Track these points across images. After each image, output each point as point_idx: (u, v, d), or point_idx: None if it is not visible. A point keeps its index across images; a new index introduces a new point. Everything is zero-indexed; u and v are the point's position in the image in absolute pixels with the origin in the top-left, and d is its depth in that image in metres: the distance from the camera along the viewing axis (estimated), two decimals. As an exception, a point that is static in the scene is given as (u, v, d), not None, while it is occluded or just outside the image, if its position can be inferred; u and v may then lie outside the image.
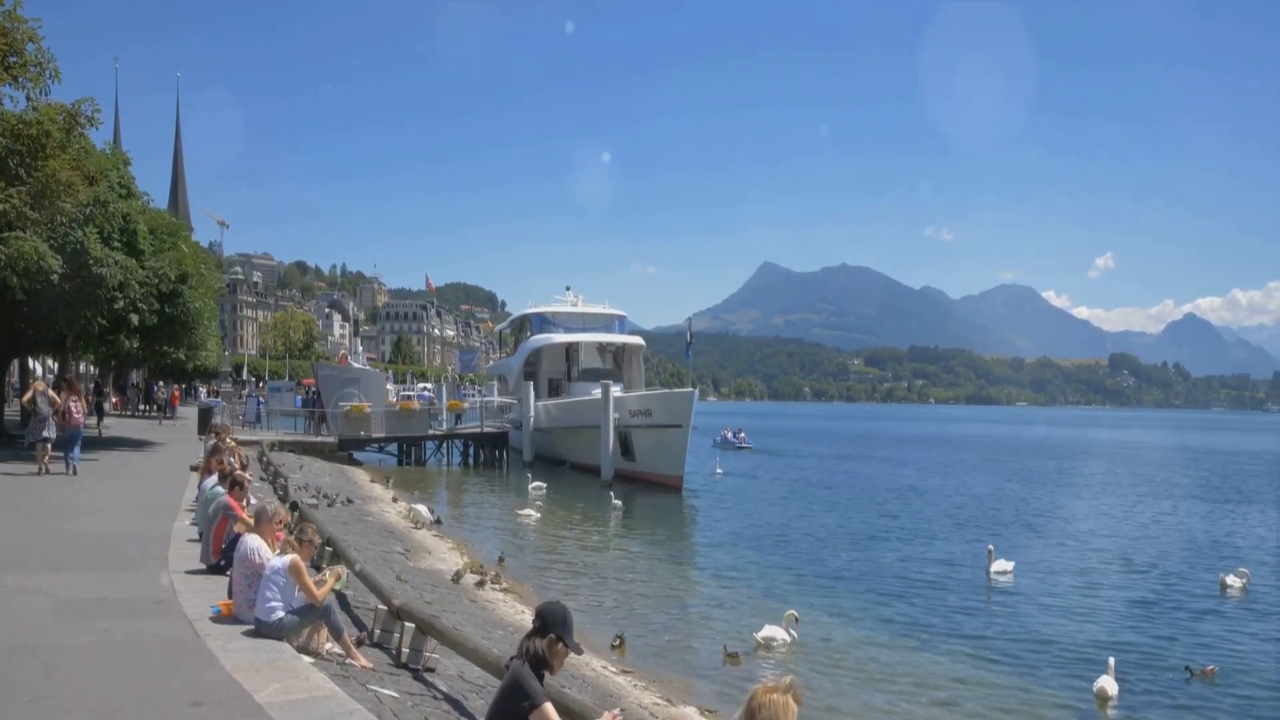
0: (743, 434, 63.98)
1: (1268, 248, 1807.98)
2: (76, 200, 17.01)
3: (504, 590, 16.15)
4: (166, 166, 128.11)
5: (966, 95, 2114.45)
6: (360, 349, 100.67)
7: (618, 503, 28.71)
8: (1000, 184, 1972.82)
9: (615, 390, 38.44)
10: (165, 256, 24.89)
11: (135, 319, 23.28)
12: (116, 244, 22.43)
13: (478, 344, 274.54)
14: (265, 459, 26.65)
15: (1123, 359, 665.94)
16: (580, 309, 51.01)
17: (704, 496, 34.01)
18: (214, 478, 13.49)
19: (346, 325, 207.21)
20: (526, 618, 14.48)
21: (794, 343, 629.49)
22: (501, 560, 19.01)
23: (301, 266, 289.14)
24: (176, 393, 48.85)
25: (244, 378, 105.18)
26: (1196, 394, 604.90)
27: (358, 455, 40.82)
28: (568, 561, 20.38)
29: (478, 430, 44.90)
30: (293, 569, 7.75)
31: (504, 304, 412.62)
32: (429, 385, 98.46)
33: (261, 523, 8.55)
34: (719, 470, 42.71)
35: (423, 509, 23.28)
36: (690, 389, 34.30)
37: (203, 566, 10.38)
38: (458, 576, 15.86)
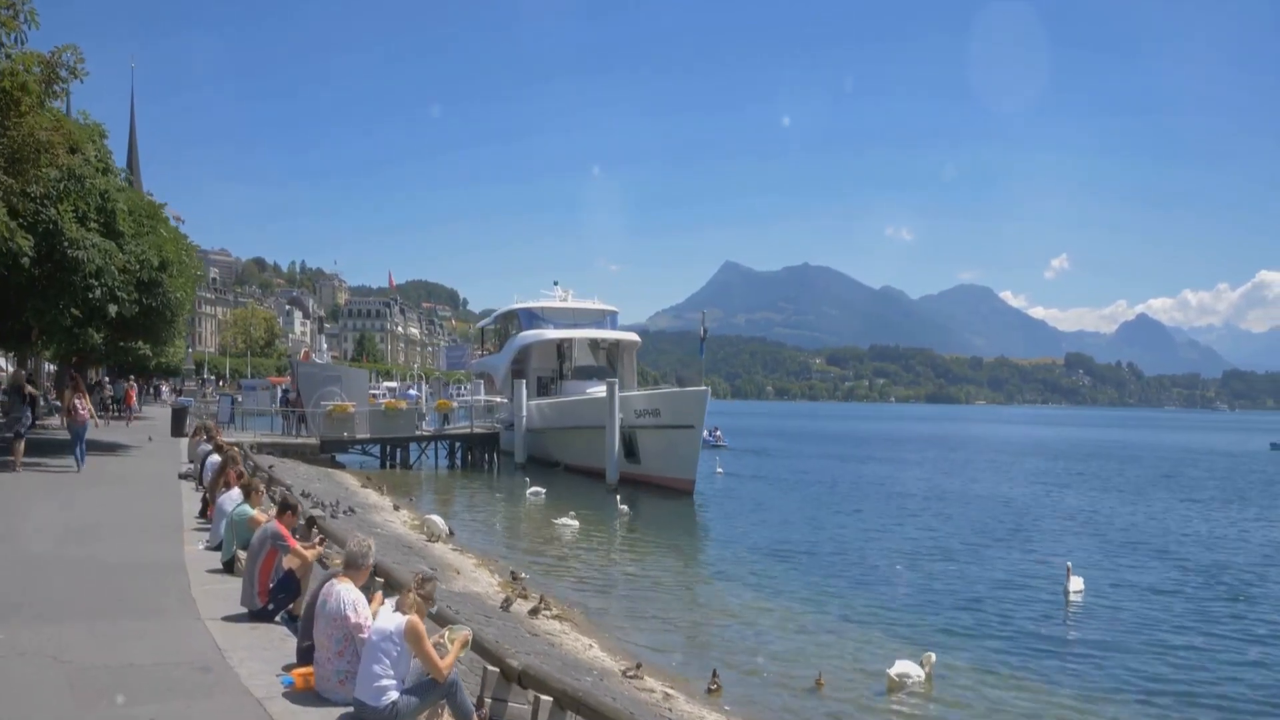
0: (718, 432, 62.30)
1: (1217, 250, 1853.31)
2: (57, 164, 14.64)
3: (556, 618, 14.14)
4: (121, 161, 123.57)
5: (924, 96, 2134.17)
6: (325, 346, 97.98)
7: (624, 508, 26.75)
8: (958, 184, 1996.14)
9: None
10: (145, 240, 22.42)
11: (113, 310, 20.79)
12: (93, 225, 19.96)
13: (443, 342, 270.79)
14: (251, 463, 24.29)
15: (1078, 358, 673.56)
16: (570, 304, 48.84)
17: (713, 500, 32.14)
18: (233, 493, 11.37)
19: (308, 322, 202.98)
20: (594, 653, 12.57)
21: (756, 341, 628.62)
22: (515, 577, 17.00)
23: (260, 263, 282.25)
24: (131, 391, 45.65)
25: (205, 376, 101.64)
26: (1149, 393, 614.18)
27: (339, 457, 38.49)
28: (601, 579, 18.35)
29: (467, 431, 42.59)
30: (410, 634, 5.71)
31: (465, 301, 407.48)
32: (394, 384, 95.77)
33: (355, 567, 6.43)
34: (719, 469, 40.98)
35: (437, 520, 21.15)
36: (703, 387, 32.34)
37: (243, 610, 8.24)
38: (507, 604, 13.78)
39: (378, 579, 10.16)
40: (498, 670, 7.16)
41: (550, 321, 47.16)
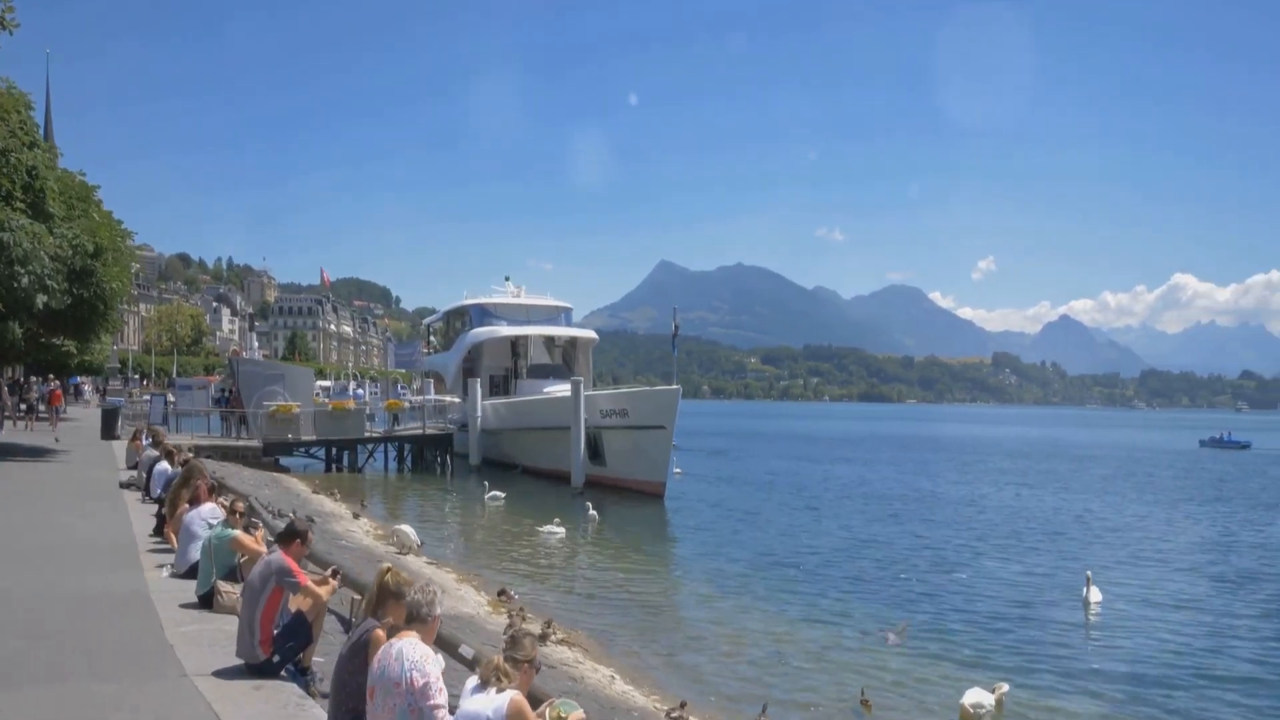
0: None
1: (1135, 253, 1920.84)
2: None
3: (563, 643, 12.64)
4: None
5: (855, 97, 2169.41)
6: (255, 344, 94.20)
7: (593, 513, 25.28)
8: (888, 186, 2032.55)
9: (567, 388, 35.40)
10: (77, 224, 20.27)
11: (42, 300, 18.65)
12: (19, 204, 17.84)
13: (375, 340, 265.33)
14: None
15: (1004, 358, 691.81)
16: (523, 300, 47.17)
17: (683, 504, 30.70)
18: (204, 510, 9.68)
19: (236, 320, 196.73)
20: (620, 687, 11.12)
21: (691, 341, 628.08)
22: (503, 594, 15.46)
23: (184, 259, 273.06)
24: (59, 392, 42.58)
25: (130, 375, 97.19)
26: (1072, 391, 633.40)
27: (283, 460, 36.34)
28: (593, 596, 16.79)
29: (419, 432, 40.64)
30: (515, 716, 4.23)
31: (398, 300, 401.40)
32: (329, 383, 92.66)
33: (420, 621, 4.92)
34: (677, 470, 39.65)
35: (408, 530, 19.41)
36: (675, 386, 31.03)
37: (240, 663, 6.62)
38: (511, 629, 12.22)
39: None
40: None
41: (503, 318, 45.47)
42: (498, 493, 29.06)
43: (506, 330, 44.13)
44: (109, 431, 31.74)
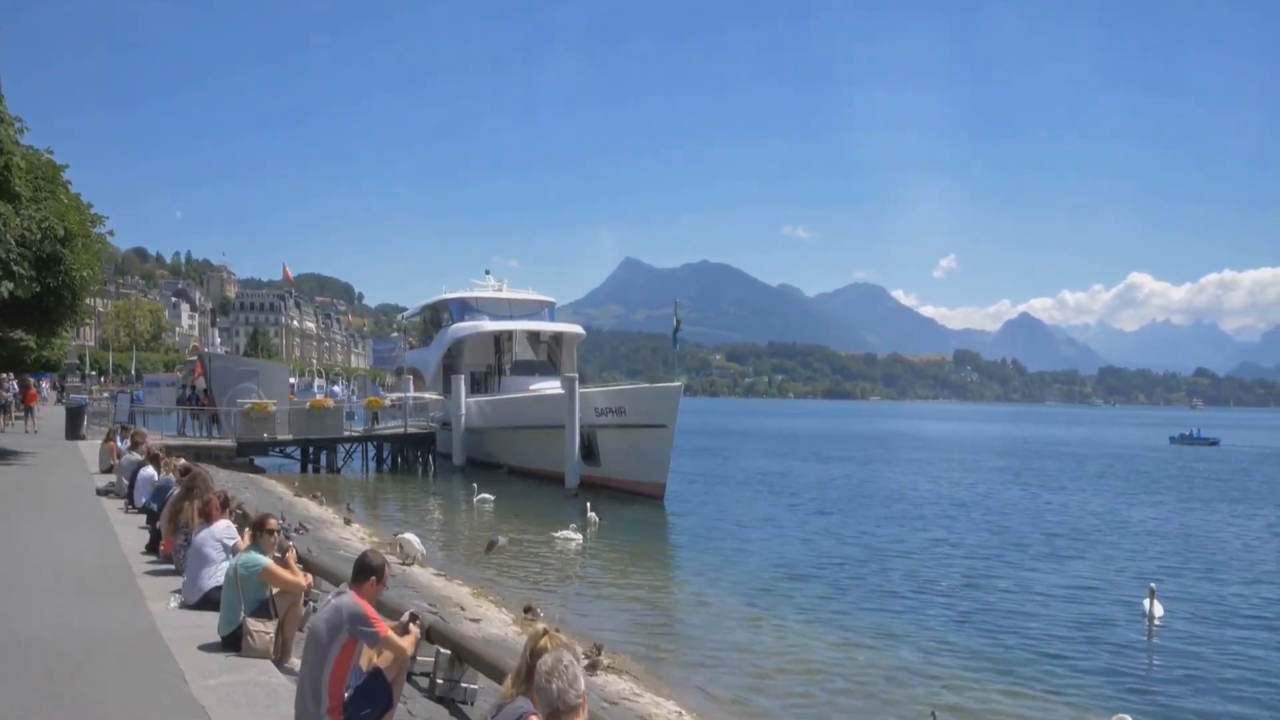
0: None
1: (1092, 252, 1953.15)
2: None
3: (610, 670, 11.29)
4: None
5: (820, 94, 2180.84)
6: (217, 340, 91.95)
7: (593, 515, 23.94)
8: (853, 183, 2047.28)
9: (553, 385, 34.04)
10: (46, 206, 18.53)
11: (7, 289, 16.94)
12: (-18, 182, 16.14)
13: (339, 336, 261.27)
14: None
15: (966, 355, 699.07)
16: (506, 294, 45.71)
17: (681, 507, 29.37)
18: (217, 529, 8.23)
19: (195, 315, 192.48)
20: (689, 724, 9.79)
21: (657, 338, 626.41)
22: (529, 611, 14.10)
23: (141, 253, 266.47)
24: (34, 391, 40.15)
25: (88, 371, 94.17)
26: (1032, 388, 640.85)
27: (257, 460, 34.62)
28: (621, 611, 15.43)
29: (400, 431, 39.00)
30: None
31: (361, 296, 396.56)
32: (293, 380, 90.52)
33: (571, 709, 3.56)
34: None
35: (413, 539, 17.87)
36: (677, 383, 29.75)
37: (299, 732, 5.21)
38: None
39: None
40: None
41: (485, 313, 43.98)
42: (487, 495, 27.68)
43: (490, 325, 42.65)
44: (74, 431, 29.88)
